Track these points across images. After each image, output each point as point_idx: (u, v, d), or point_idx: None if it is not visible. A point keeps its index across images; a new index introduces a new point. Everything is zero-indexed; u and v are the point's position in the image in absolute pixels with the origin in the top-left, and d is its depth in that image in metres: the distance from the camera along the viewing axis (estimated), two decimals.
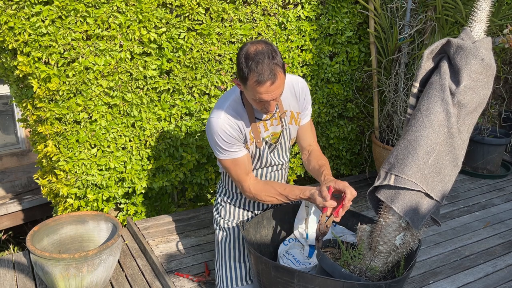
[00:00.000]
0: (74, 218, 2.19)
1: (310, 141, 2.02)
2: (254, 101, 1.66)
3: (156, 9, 2.32)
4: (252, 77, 1.56)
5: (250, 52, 1.57)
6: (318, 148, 2.05)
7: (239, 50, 1.62)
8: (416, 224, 1.50)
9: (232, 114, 1.76)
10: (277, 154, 1.93)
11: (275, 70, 1.56)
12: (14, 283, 2.14)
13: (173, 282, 2.09)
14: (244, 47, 1.60)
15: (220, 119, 1.73)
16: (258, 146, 1.84)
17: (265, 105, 1.65)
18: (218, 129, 1.73)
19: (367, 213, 2.80)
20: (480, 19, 1.48)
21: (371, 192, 1.62)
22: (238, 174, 1.83)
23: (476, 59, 1.43)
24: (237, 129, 1.76)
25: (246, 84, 1.60)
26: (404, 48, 2.80)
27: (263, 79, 1.55)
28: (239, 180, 1.85)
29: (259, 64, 1.55)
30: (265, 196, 1.84)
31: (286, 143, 1.93)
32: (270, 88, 1.57)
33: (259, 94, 1.59)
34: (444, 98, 1.46)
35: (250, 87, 1.59)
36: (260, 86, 1.56)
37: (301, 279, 1.49)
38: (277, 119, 1.86)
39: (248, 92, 1.63)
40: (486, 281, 2.14)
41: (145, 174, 2.58)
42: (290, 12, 2.67)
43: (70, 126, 2.31)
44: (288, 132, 1.91)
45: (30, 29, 2.07)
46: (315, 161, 1.94)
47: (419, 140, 1.48)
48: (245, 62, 1.57)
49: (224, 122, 1.73)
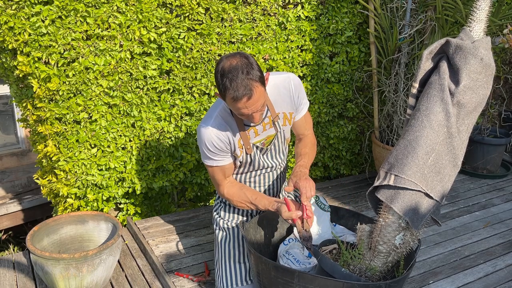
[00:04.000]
0: (74, 218, 2.19)
1: (304, 131, 2.03)
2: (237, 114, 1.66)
3: (156, 9, 2.32)
4: (228, 94, 1.56)
5: (224, 68, 1.56)
6: (312, 136, 2.06)
7: (216, 65, 1.61)
8: (415, 224, 1.50)
9: (221, 124, 1.77)
10: (270, 156, 1.93)
11: (250, 85, 1.54)
12: (14, 283, 2.14)
13: (173, 282, 2.09)
14: (220, 63, 1.58)
15: (208, 130, 1.76)
16: (248, 153, 1.85)
17: (248, 117, 1.65)
18: (206, 139, 1.76)
19: (367, 213, 2.80)
20: (479, 19, 1.48)
21: (370, 192, 1.62)
22: (217, 178, 1.89)
23: (475, 58, 1.43)
24: (225, 140, 1.78)
25: (225, 99, 1.61)
26: (404, 48, 2.80)
27: (238, 96, 1.54)
28: (217, 183, 1.91)
29: (233, 81, 1.53)
30: (237, 201, 1.89)
31: (280, 145, 1.93)
32: (247, 103, 1.57)
33: (239, 109, 1.60)
34: (443, 98, 1.46)
35: (228, 103, 1.60)
36: (237, 102, 1.56)
37: (301, 279, 1.49)
38: (269, 123, 1.85)
39: (229, 106, 1.63)
40: (486, 281, 2.14)
41: (145, 174, 2.58)
42: (290, 12, 2.67)
43: (70, 126, 2.31)
44: (282, 134, 1.91)
45: (30, 29, 2.08)
46: (300, 148, 2.00)
47: (419, 140, 1.48)
48: (221, 79, 1.56)
49: (212, 133, 1.76)
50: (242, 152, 1.84)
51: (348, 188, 3.18)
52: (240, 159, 1.86)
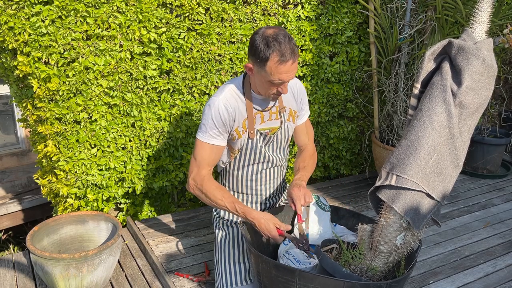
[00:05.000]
0: (74, 218, 2.19)
1: (305, 141, 2.08)
2: (269, 84, 1.67)
3: (156, 9, 2.32)
4: (274, 57, 1.57)
5: (268, 34, 1.59)
6: (312, 148, 2.10)
7: (253, 35, 1.63)
8: (417, 224, 1.50)
9: (231, 97, 1.79)
10: (271, 148, 1.93)
11: (295, 50, 1.60)
12: (14, 283, 2.14)
13: (173, 282, 2.09)
14: (259, 31, 1.62)
15: (218, 99, 1.77)
16: (251, 137, 1.85)
17: (280, 86, 1.66)
18: (213, 107, 1.77)
19: (366, 213, 2.80)
20: (481, 20, 1.49)
21: (372, 192, 1.62)
22: (201, 157, 1.80)
23: (477, 60, 1.43)
24: (232, 113, 1.78)
25: (265, 65, 1.61)
26: (404, 48, 2.80)
27: (286, 58, 1.57)
28: (198, 165, 1.80)
29: (282, 44, 1.57)
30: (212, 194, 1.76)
31: (283, 139, 1.94)
32: (291, 67, 1.60)
33: (279, 74, 1.61)
34: (445, 99, 1.46)
35: (270, 68, 1.60)
36: (282, 64, 1.58)
37: (301, 278, 1.49)
38: (276, 113, 1.87)
39: (265, 74, 1.64)
40: (486, 281, 2.14)
41: (145, 174, 2.58)
42: (290, 12, 2.67)
43: (70, 126, 2.31)
44: (285, 128, 1.93)
45: (30, 29, 2.07)
46: (300, 161, 2.02)
47: (421, 140, 1.48)
48: (265, 43, 1.58)
49: (221, 102, 1.76)
50: (244, 134, 1.84)
51: (348, 188, 3.18)
52: (241, 141, 1.85)
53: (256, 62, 1.64)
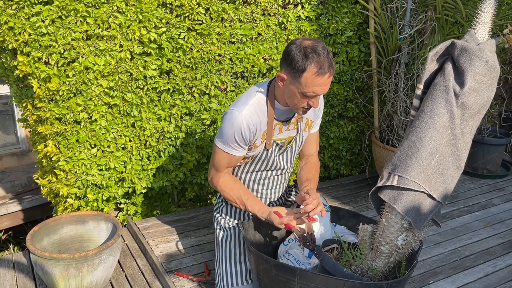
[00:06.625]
0: (74, 218, 2.19)
1: (312, 151, 2.05)
2: (301, 96, 1.63)
3: (156, 9, 2.32)
4: (312, 68, 1.55)
5: (307, 44, 1.56)
6: (317, 159, 2.07)
7: (290, 45, 1.60)
8: (418, 225, 1.50)
9: (253, 113, 1.74)
10: (285, 157, 1.93)
11: (333, 64, 1.58)
12: (14, 283, 2.14)
13: (173, 282, 2.09)
14: (296, 41, 1.59)
15: (241, 115, 1.71)
16: (267, 148, 1.83)
17: (312, 100, 1.63)
18: (235, 124, 1.71)
19: (366, 213, 2.80)
20: (484, 21, 1.49)
21: (373, 192, 1.62)
22: (220, 164, 1.83)
23: (480, 61, 1.43)
24: (253, 130, 1.74)
25: (301, 75, 1.57)
26: (404, 48, 2.80)
27: (324, 70, 1.55)
28: (217, 169, 1.84)
29: (321, 55, 1.55)
30: (228, 194, 1.85)
31: (296, 148, 1.94)
32: (327, 80, 1.58)
33: (314, 87, 1.58)
34: (448, 100, 1.46)
35: (305, 79, 1.57)
36: (319, 77, 1.56)
37: (302, 278, 1.49)
38: (294, 123, 1.85)
39: (299, 85, 1.60)
40: (486, 281, 2.14)
41: (145, 174, 2.58)
42: (290, 12, 2.67)
43: (70, 126, 2.31)
44: (300, 137, 1.91)
45: (30, 29, 2.07)
46: (305, 172, 1.98)
47: (423, 141, 1.48)
48: (304, 53, 1.55)
49: (244, 120, 1.71)
50: (262, 144, 1.82)
51: (348, 188, 3.18)
52: (256, 151, 1.83)
53: (291, 72, 1.59)
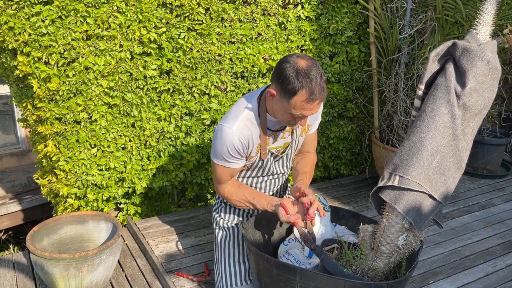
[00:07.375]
0: (74, 218, 2.19)
1: (309, 149, 2.04)
2: (288, 115, 1.59)
3: (156, 9, 2.32)
4: (303, 94, 1.50)
5: (301, 66, 1.51)
6: (314, 155, 2.06)
7: (282, 63, 1.54)
8: (419, 225, 1.50)
9: (246, 126, 1.71)
10: (281, 163, 1.93)
11: (325, 89, 1.53)
12: (14, 283, 2.14)
13: (173, 282, 2.09)
14: (290, 60, 1.53)
15: (232, 131, 1.68)
16: (263, 158, 1.82)
17: (300, 120, 1.61)
18: (227, 141, 1.69)
19: (366, 213, 2.80)
20: (485, 22, 1.48)
21: (374, 192, 1.62)
22: (221, 178, 1.83)
23: (482, 61, 1.43)
24: (245, 144, 1.72)
25: (291, 98, 1.53)
26: (404, 48, 2.80)
27: (314, 97, 1.51)
28: (220, 182, 1.85)
29: (313, 81, 1.50)
30: (236, 200, 1.85)
31: (292, 153, 1.94)
32: (317, 106, 1.54)
33: (303, 110, 1.55)
34: (449, 100, 1.46)
35: (295, 102, 1.53)
36: (309, 103, 1.52)
37: (303, 277, 1.49)
38: (289, 131, 1.84)
39: (288, 106, 1.56)
40: (486, 281, 2.14)
41: (145, 174, 2.58)
42: (290, 12, 2.67)
43: (70, 126, 2.31)
44: (296, 143, 1.91)
45: (30, 29, 2.07)
46: (301, 166, 1.97)
47: (424, 141, 1.48)
48: (296, 76, 1.50)
49: (235, 136, 1.68)
50: (257, 155, 1.81)
51: (348, 188, 3.18)
52: (252, 161, 1.83)
53: (282, 91, 1.55)
